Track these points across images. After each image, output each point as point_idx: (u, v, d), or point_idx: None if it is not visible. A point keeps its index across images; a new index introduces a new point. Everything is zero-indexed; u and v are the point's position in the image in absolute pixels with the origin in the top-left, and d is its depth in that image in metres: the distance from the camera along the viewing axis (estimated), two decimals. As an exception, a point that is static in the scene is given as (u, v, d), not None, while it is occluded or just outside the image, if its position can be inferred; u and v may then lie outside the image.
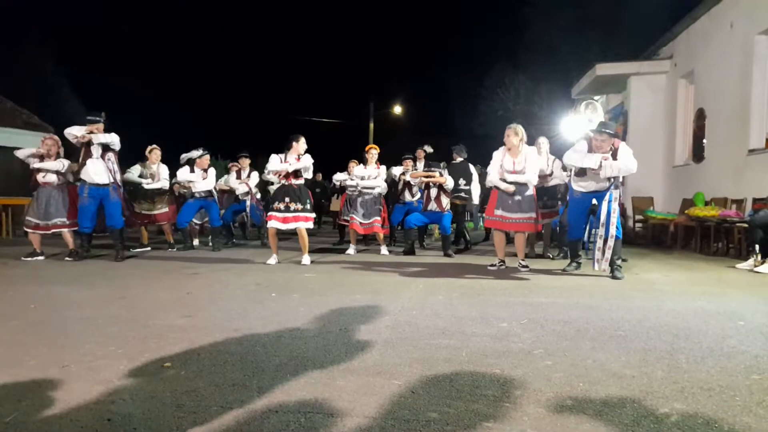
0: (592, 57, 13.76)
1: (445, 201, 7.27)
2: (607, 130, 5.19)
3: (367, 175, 7.44)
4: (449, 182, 7.28)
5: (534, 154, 5.88)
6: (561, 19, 19.23)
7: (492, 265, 5.82)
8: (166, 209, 7.67)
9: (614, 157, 5.13)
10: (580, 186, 5.40)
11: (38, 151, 6.35)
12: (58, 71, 21.00)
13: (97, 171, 6.18)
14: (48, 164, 6.29)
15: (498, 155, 5.84)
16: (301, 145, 6.08)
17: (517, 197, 5.69)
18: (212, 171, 7.68)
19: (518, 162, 5.69)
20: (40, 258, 6.29)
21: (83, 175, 6.21)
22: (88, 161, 6.17)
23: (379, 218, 7.33)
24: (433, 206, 7.28)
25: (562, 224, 6.79)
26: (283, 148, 6.13)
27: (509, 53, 22.56)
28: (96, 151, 6.18)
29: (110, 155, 6.25)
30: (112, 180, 6.26)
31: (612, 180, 5.12)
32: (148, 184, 7.53)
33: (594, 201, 5.38)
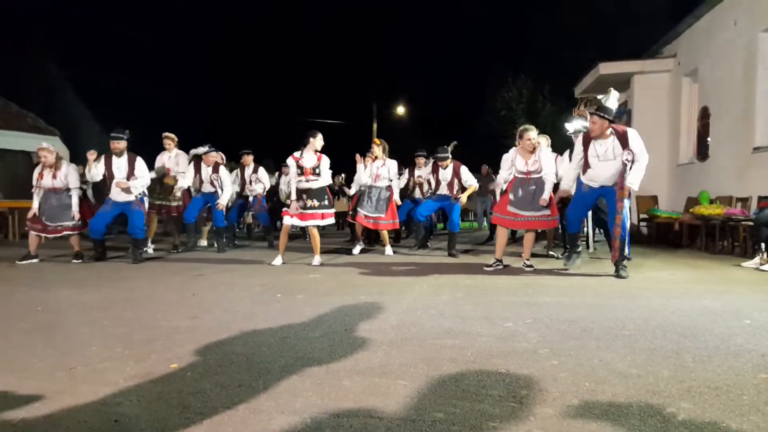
0: (595, 56, 13.71)
1: (457, 188, 7.15)
2: (601, 113, 5.05)
3: (375, 174, 7.33)
4: (475, 185, 7.23)
5: (546, 151, 5.86)
6: (564, 18, 19.21)
7: (488, 266, 5.76)
8: (180, 203, 7.63)
9: (624, 144, 5.01)
10: (588, 180, 5.32)
11: (42, 165, 6.32)
12: (61, 73, 21.11)
13: (120, 191, 6.25)
14: (73, 184, 6.37)
15: (509, 157, 5.82)
16: (318, 141, 6.05)
17: (534, 196, 5.65)
18: (224, 171, 7.62)
19: (531, 162, 5.66)
20: (35, 261, 6.28)
21: (111, 193, 6.31)
22: (113, 182, 6.26)
23: (383, 215, 7.27)
24: (444, 190, 7.17)
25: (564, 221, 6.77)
26: (299, 145, 6.12)
27: (512, 52, 22.58)
28: (118, 172, 6.23)
29: (134, 179, 6.29)
30: (134, 197, 6.33)
31: (624, 167, 5.00)
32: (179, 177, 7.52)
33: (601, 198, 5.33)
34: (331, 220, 6.30)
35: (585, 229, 5.84)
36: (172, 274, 5.36)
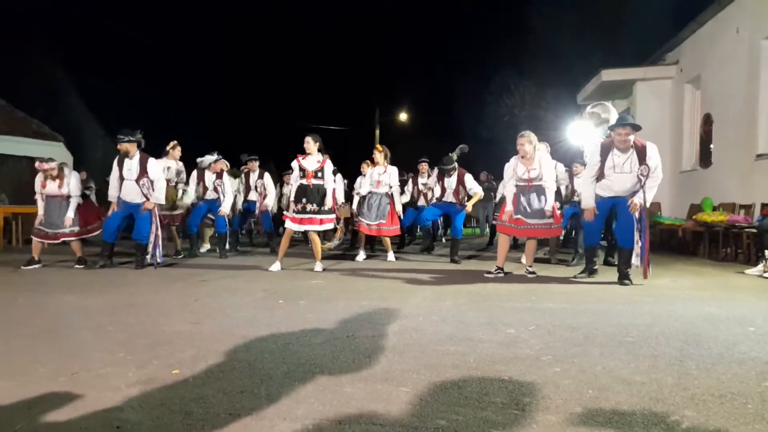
0: (598, 62, 13.74)
1: (463, 194, 7.12)
2: (630, 122, 4.99)
3: (376, 180, 7.33)
4: (480, 192, 7.23)
5: (547, 158, 5.85)
6: (566, 24, 19.25)
7: (489, 273, 5.72)
8: (182, 211, 7.64)
9: (642, 157, 4.96)
10: (601, 190, 5.26)
11: (45, 175, 6.34)
12: (62, 75, 21.12)
13: (130, 191, 6.26)
14: (74, 192, 6.37)
15: (510, 166, 5.82)
16: (311, 145, 6.07)
17: (536, 204, 5.64)
18: (227, 178, 7.63)
19: (532, 170, 5.66)
20: (37, 266, 6.28)
21: (122, 193, 6.30)
22: (124, 182, 6.26)
23: (384, 221, 7.28)
24: (449, 198, 7.13)
25: (576, 227, 6.75)
26: (299, 148, 6.18)
27: (515, 58, 22.56)
28: (129, 174, 6.22)
29: (145, 181, 6.24)
30: (144, 200, 6.29)
31: (638, 181, 4.97)
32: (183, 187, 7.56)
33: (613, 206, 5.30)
34: (330, 226, 6.29)
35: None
36: (175, 280, 5.36)
